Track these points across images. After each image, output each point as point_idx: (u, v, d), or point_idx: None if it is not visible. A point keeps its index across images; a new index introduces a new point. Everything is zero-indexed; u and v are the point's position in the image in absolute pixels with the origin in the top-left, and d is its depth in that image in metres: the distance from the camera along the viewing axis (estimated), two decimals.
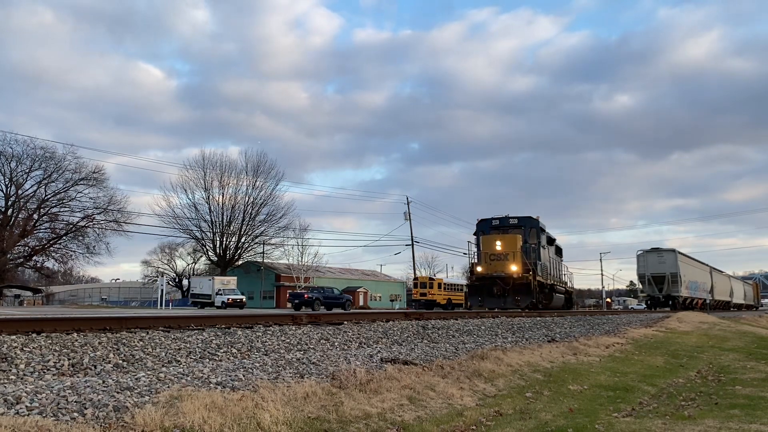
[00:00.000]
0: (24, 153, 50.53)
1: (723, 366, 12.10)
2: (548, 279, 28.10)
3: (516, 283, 24.81)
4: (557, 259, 33.14)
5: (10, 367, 5.19)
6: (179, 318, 9.47)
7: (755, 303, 72.18)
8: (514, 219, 27.22)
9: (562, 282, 33.63)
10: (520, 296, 24.75)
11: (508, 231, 26.46)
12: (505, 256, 25.45)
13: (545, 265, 27.76)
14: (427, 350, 8.78)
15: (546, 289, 27.66)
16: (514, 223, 27.06)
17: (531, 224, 27.21)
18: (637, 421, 6.06)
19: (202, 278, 56.14)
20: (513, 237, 25.75)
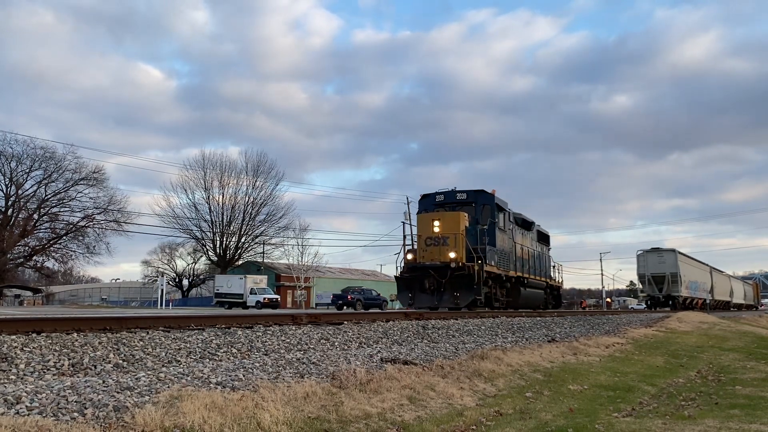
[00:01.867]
0: (24, 153, 50.58)
1: (723, 366, 12.11)
2: (511, 269, 22.03)
3: (455, 274, 18.64)
4: (538, 248, 27.54)
5: (10, 367, 5.19)
6: (179, 318, 9.47)
7: (755, 303, 72.17)
8: (462, 194, 20.93)
9: (545, 275, 28.13)
10: (459, 291, 18.60)
11: (455, 209, 20.33)
12: (443, 240, 19.33)
13: (505, 251, 21.55)
14: (427, 350, 8.78)
15: (508, 283, 21.83)
16: (462, 199, 20.81)
17: (484, 200, 20.87)
18: (637, 421, 6.06)
19: (231, 276, 53.35)
20: (454, 216, 19.65)
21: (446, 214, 20.01)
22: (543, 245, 28.85)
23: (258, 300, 44.79)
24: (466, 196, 20.96)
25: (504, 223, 21.72)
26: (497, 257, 20.54)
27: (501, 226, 21.27)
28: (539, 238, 28.27)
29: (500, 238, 21.06)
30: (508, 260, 22.01)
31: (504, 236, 21.63)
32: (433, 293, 19.07)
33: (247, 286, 48.22)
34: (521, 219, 24.92)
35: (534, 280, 25.51)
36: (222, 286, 51.05)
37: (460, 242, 19.20)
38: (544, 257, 28.77)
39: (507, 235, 22.12)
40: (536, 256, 27.04)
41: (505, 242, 21.72)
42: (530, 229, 26.44)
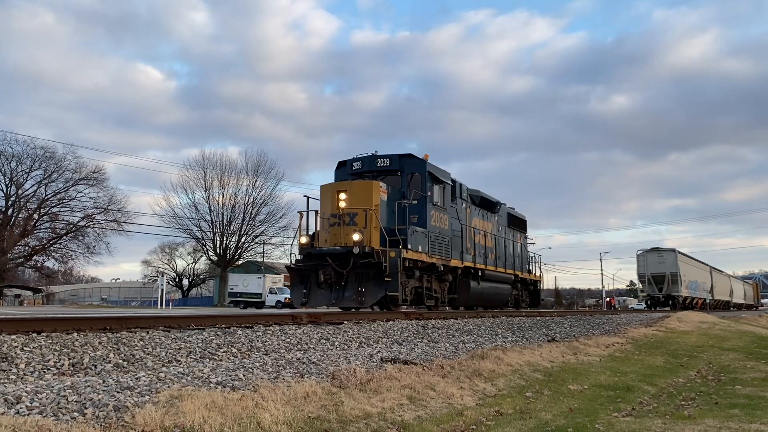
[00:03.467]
0: (24, 153, 50.54)
1: (723, 366, 12.11)
2: (455, 258, 17.30)
3: (359, 263, 13.91)
4: (507, 235, 23.08)
5: (10, 366, 5.19)
6: (179, 318, 9.47)
7: (755, 303, 72.18)
8: (384, 159, 16.25)
9: (516, 267, 23.49)
10: (365, 286, 13.98)
11: (376, 179, 15.60)
12: (350, 217, 14.56)
13: (444, 234, 16.76)
14: (427, 350, 8.78)
15: (449, 275, 17.25)
16: (385, 167, 16.18)
17: (413, 167, 16.11)
18: (637, 421, 6.06)
19: (248, 276, 51.72)
20: (365, 186, 14.95)
21: (354, 183, 15.14)
22: (516, 231, 24.36)
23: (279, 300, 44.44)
24: (389, 163, 16.18)
25: (443, 198, 16.92)
26: (429, 241, 15.61)
27: (437, 201, 16.46)
28: (510, 223, 23.75)
29: (436, 217, 16.36)
30: (450, 246, 17.01)
31: (442, 215, 16.78)
32: (332, 288, 14.28)
33: (267, 285, 47.94)
34: (480, 197, 20.49)
35: (496, 272, 20.72)
36: (237, 285, 50.26)
37: (371, 220, 14.26)
38: (517, 246, 24.12)
39: (448, 215, 17.18)
40: (504, 244, 22.41)
41: (444, 223, 16.86)
42: (494, 210, 21.81)
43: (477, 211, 20.22)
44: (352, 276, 14.09)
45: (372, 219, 14.43)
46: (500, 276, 21.34)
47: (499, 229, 22.32)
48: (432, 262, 15.92)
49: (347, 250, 14.08)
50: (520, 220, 25.50)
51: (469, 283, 18.39)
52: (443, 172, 17.22)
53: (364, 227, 14.39)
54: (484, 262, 19.80)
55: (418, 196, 15.92)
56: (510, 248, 23.22)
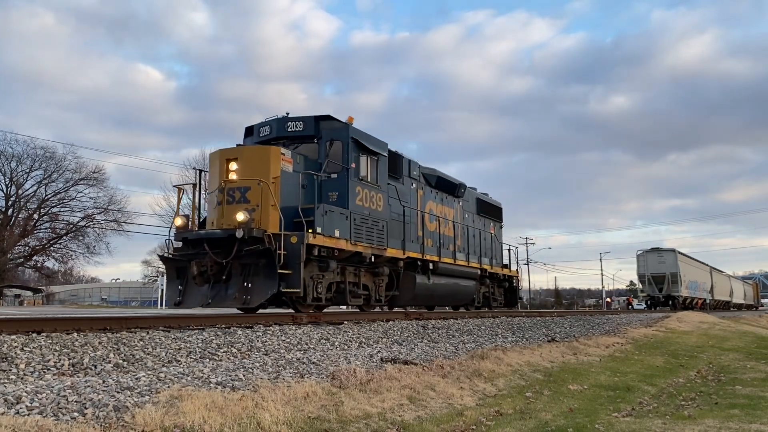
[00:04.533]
0: (24, 153, 50.50)
1: (723, 366, 12.11)
2: (393, 247, 14.26)
3: (245, 250, 10.81)
4: (475, 223, 20.22)
5: (10, 366, 5.19)
6: (179, 318, 9.46)
7: (755, 303, 72.20)
8: (296, 123, 13.28)
9: (486, 260, 20.37)
10: (252, 280, 10.97)
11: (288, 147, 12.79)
12: (241, 193, 11.57)
13: (376, 217, 13.62)
14: (427, 350, 8.78)
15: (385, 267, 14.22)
16: (297, 132, 13.22)
17: (333, 133, 13.08)
18: (637, 421, 6.06)
19: None
20: (260, 152, 12.05)
21: (246, 149, 12.26)
22: (487, 220, 21.40)
23: None
24: (303, 127, 13.18)
25: (375, 172, 13.83)
26: (352, 225, 12.60)
27: (365, 176, 13.33)
28: (481, 210, 20.83)
29: (364, 195, 13.26)
30: (387, 232, 13.90)
31: (375, 194, 13.69)
32: (212, 283, 11.18)
33: None
34: (437, 177, 17.54)
35: (455, 266, 17.52)
36: None
37: (266, 196, 11.23)
38: (488, 237, 20.97)
39: (385, 194, 14.14)
40: (470, 234, 19.35)
41: (377, 203, 13.80)
42: (457, 194, 18.78)
43: (433, 193, 17.25)
44: (236, 268, 10.95)
45: (271, 194, 11.18)
46: (461, 270, 17.90)
47: (464, 216, 19.36)
48: (356, 251, 12.72)
49: (230, 234, 10.76)
50: (494, 207, 22.45)
51: (415, 278, 15.09)
52: (376, 142, 13.94)
53: (258, 205, 11.24)
54: (438, 253, 16.48)
55: (337, 169, 12.74)
56: (478, 239, 20.02)
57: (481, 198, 21.30)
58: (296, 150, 12.77)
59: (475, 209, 20.53)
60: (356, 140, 13.15)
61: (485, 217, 21.28)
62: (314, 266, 11.80)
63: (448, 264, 17.00)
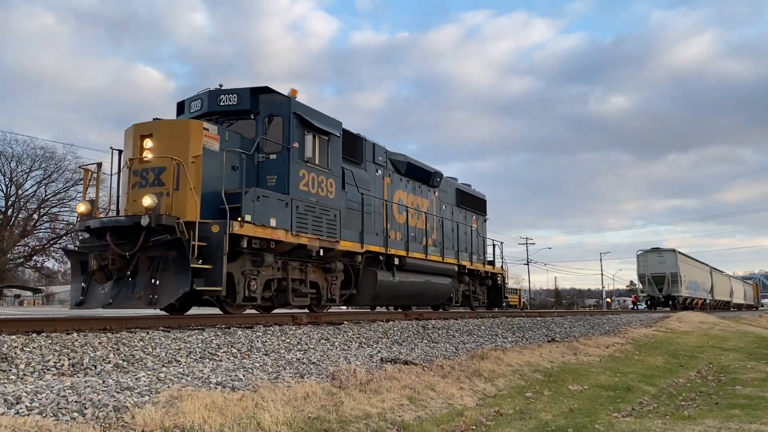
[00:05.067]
0: (24, 153, 50.49)
1: (723, 366, 12.11)
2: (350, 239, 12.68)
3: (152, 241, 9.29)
4: (454, 215, 18.69)
5: (10, 367, 5.19)
6: (179, 318, 9.46)
7: (755, 303, 72.21)
8: (230, 96, 11.61)
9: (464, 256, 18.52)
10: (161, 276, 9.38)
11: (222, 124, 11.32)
12: (156, 174, 9.98)
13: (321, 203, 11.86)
14: (427, 350, 8.78)
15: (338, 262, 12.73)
16: (231, 106, 11.59)
17: (272, 108, 11.54)
18: (637, 421, 6.06)
19: None
20: (178, 127, 10.61)
21: (163, 124, 10.56)
22: (469, 212, 19.92)
23: None
24: (237, 100, 11.56)
25: (326, 154, 12.17)
26: (294, 213, 10.95)
27: (311, 157, 11.61)
28: (461, 202, 19.34)
29: (310, 180, 11.58)
30: (340, 222, 12.21)
31: (325, 179, 11.99)
32: (114, 280, 9.72)
33: None
34: (407, 164, 15.93)
35: (427, 261, 15.90)
36: None
37: (183, 178, 9.66)
38: (468, 231, 19.44)
39: (338, 179, 12.46)
40: (447, 228, 17.86)
41: (328, 190, 12.07)
42: (432, 183, 17.20)
43: (403, 182, 15.76)
44: (143, 262, 9.45)
45: (188, 176, 9.62)
46: (434, 266, 16.34)
47: (441, 208, 17.86)
48: (300, 244, 11.09)
49: (135, 222, 9.26)
50: (476, 199, 20.86)
51: (376, 275, 13.43)
52: (327, 119, 12.29)
53: (176, 188, 9.67)
54: (406, 247, 14.90)
55: (276, 149, 11.17)
56: (458, 233, 18.48)
57: (462, 189, 19.74)
58: (231, 127, 11.19)
59: (455, 201, 19.03)
60: (300, 116, 11.49)
61: (466, 210, 19.77)
62: (246, 260, 10.37)
63: (418, 259, 15.44)
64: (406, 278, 14.81)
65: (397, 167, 15.64)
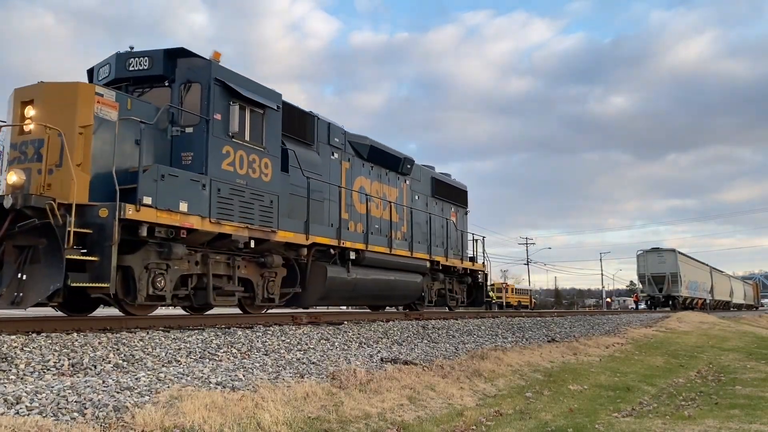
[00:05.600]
0: None
1: (723, 366, 12.12)
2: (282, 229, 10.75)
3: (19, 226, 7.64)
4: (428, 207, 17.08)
5: (10, 367, 5.19)
6: (179, 318, 9.46)
7: (755, 303, 72.24)
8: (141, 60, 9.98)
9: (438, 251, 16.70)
10: (29, 270, 7.71)
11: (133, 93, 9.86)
12: (36, 147, 8.17)
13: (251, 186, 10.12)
14: (427, 350, 8.79)
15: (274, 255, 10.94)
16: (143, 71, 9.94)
17: (192, 74, 9.86)
18: (637, 421, 6.06)
19: None
20: (62, 91, 8.49)
21: (46, 87, 8.67)
22: (445, 204, 18.26)
23: None
24: (149, 64, 9.97)
25: (255, 128, 10.30)
26: (213, 197, 9.40)
27: (237, 132, 9.90)
28: (437, 192, 17.73)
29: (237, 158, 9.89)
30: (278, 209, 10.48)
31: (258, 158, 10.26)
32: None
33: None
34: (370, 147, 14.32)
35: (392, 256, 14.24)
36: None
37: (67, 152, 8.04)
38: (447, 224, 17.80)
39: (271, 158, 10.54)
40: (417, 219, 16.15)
41: (262, 171, 10.31)
42: (402, 170, 15.67)
43: (366, 167, 14.28)
44: (10, 253, 7.99)
45: (70, 149, 8.02)
46: (402, 262, 14.56)
47: (413, 198, 16.34)
48: (223, 233, 9.50)
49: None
50: (455, 190, 19.23)
51: (326, 271, 11.78)
52: (260, 89, 10.52)
53: (58, 165, 8.12)
54: (366, 240, 13.19)
55: (193, 121, 9.56)
56: (432, 226, 16.80)
57: (439, 178, 18.11)
58: (147, 96, 9.79)
59: (430, 191, 17.43)
60: (223, 83, 9.81)
61: (443, 201, 18.12)
62: (150, 252, 8.87)
63: (381, 254, 13.82)
64: (365, 275, 13.19)
65: (358, 151, 14.11)
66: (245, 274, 10.52)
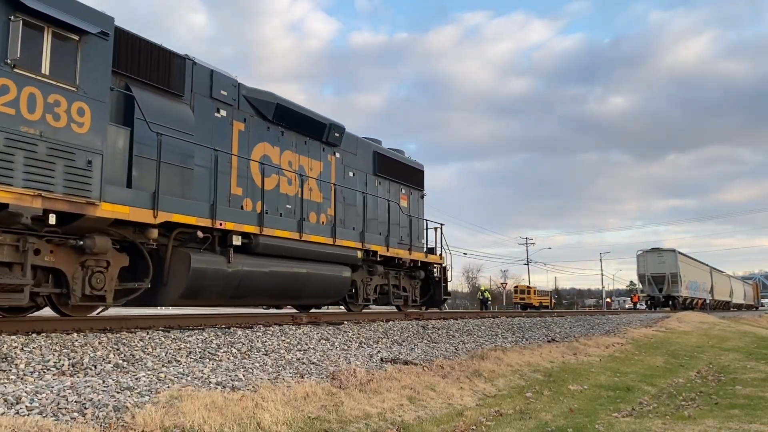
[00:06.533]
0: None
1: (723, 366, 12.11)
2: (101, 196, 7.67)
3: None
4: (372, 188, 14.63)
5: (10, 367, 5.19)
6: (179, 318, 9.46)
7: (755, 303, 72.23)
8: None
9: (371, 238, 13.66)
10: None
11: None
12: None
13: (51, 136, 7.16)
14: (427, 350, 8.79)
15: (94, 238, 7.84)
16: None
17: None
18: (637, 421, 6.06)
19: None
20: None
21: None
22: (393, 184, 15.59)
23: None
24: None
25: (57, 57, 7.50)
26: None
27: (16, 56, 6.93)
28: (381, 170, 15.00)
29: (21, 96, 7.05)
30: (95, 172, 7.71)
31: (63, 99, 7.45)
32: None
33: None
34: (277, 106, 11.58)
35: (308, 243, 11.40)
36: None
37: None
38: (390, 207, 14.86)
39: (90, 103, 7.75)
40: (354, 200, 13.74)
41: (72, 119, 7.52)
42: (328, 139, 12.95)
43: (271, 131, 11.54)
44: None
45: None
46: (318, 251, 11.63)
47: (346, 174, 13.69)
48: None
49: None
50: (406, 168, 16.38)
51: (189, 260, 9.10)
52: (73, 5, 7.74)
53: None
54: (259, 222, 10.29)
55: None
56: (371, 209, 14.28)
57: (384, 154, 15.43)
58: None
59: (372, 168, 14.79)
60: None
61: (390, 181, 15.48)
62: None
63: (285, 240, 10.81)
64: (257, 266, 10.27)
65: (259, 110, 11.33)
66: (49, 263, 7.71)
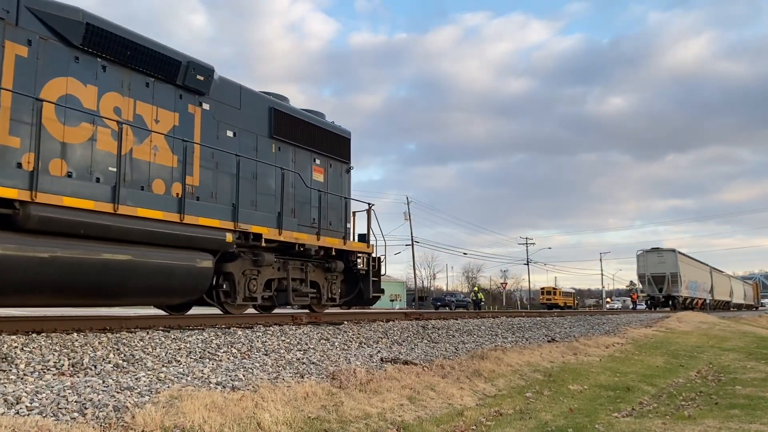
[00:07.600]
0: None
1: (723, 366, 12.11)
2: None
3: None
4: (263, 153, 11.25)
5: (10, 367, 5.19)
6: (179, 318, 9.46)
7: (755, 303, 72.23)
8: None
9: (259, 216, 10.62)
10: None
11: None
12: None
13: None
14: (427, 350, 8.78)
15: None
16: None
17: None
18: (637, 421, 6.06)
19: None
20: None
21: None
22: (302, 151, 12.43)
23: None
24: None
25: None
26: None
27: None
28: (281, 132, 11.79)
29: None
30: None
31: None
32: None
33: None
34: (86, 25, 8.22)
35: (131, 219, 8.36)
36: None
37: None
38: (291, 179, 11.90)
39: None
40: (229, 167, 10.39)
41: None
42: (187, 84, 9.72)
43: (80, 62, 8.31)
44: None
45: None
46: (150, 231, 8.66)
47: (221, 133, 10.43)
48: None
49: None
50: (324, 133, 13.20)
51: None
52: None
53: None
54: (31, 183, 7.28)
55: None
56: (257, 179, 11.10)
57: (284, 111, 12.07)
58: None
59: (267, 129, 11.55)
60: None
61: (296, 147, 12.25)
62: None
63: (83, 212, 7.79)
64: (25, 249, 7.20)
65: (58, 32, 8.07)
66: None
